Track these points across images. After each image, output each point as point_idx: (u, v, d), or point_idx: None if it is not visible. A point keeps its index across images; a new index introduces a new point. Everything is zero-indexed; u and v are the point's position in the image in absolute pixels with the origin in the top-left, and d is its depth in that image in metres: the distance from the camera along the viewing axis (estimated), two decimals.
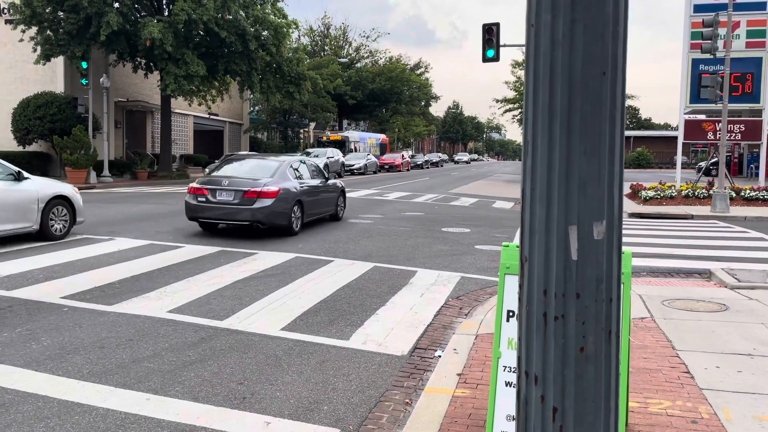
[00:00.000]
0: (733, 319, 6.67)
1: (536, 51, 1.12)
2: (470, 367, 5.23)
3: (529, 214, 1.15)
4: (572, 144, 1.10)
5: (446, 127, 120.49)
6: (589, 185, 1.09)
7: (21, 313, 6.68)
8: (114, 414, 4.34)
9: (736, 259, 10.91)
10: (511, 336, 3.81)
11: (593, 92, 1.09)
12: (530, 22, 1.13)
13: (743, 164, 44.08)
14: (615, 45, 1.09)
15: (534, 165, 1.14)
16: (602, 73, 1.08)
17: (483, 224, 16.00)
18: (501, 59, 22.88)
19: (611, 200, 1.11)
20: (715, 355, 5.46)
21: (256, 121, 52.75)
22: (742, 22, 23.96)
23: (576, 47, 1.08)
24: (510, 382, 3.74)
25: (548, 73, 1.11)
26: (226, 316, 6.75)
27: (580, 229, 1.10)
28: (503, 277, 3.83)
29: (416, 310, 7.24)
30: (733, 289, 8.22)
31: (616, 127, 1.10)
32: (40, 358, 5.34)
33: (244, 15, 30.44)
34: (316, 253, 10.69)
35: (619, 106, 1.10)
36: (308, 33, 65.36)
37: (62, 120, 28.89)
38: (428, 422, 4.20)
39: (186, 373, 5.12)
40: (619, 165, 1.11)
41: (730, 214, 18.87)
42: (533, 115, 1.14)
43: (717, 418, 4.20)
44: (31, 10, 26.80)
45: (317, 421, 4.37)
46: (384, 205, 20.49)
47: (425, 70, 73.82)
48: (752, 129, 24.38)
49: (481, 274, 9.38)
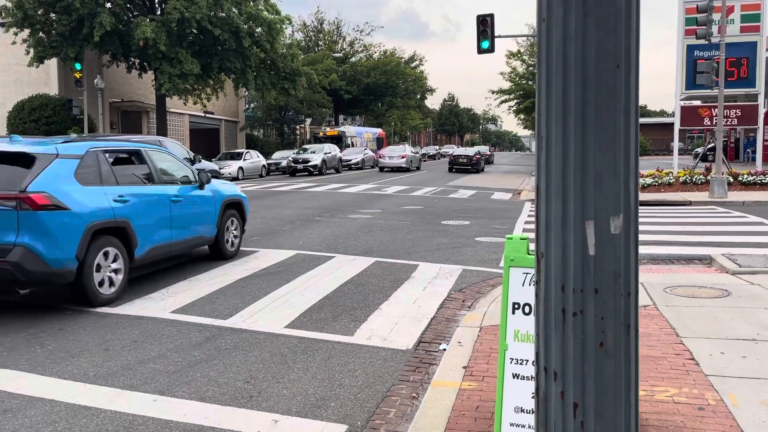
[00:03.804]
0: (736, 305, 6.68)
1: (548, 46, 1.11)
2: (475, 359, 5.24)
3: (545, 209, 1.15)
4: (587, 139, 1.09)
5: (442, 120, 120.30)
6: (606, 179, 1.09)
7: (24, 317, 6.67)
8: (122, 416, 4.34)
9: (736, 244, 10.93)
10: (517, 328, 3.81)
11: (607, 86, 1.08)
12: (541, 16, 1.12)
13: (740, 149, 44.13)
14: (628, 38, 1.08)
15: (548, 160, 1.13)
16: (616, 66, 1.08)
17: (482, 216, 16.00)
18: (496, 50, 22.82)
19: (627, 194, 1.10)
20: (719, 341, 5.47)
21: (252, 118, 52.63)
22: (737, 7, 23.92)
23: (589, 41, 1.08)
24: (517, 374, 3.74)
25: (561, 68, 1.10)
26: (230, 315, 6.75)
27: (597, 223, 1.10)
28: (507, 269, 3.83)
29: (419, 304, 7.24)
30: (735, 275, 8.23)
31: (630, 120, 1.09)
32: (45, 362, 5.34)
33: (237, 12, 30.34)
34: (316, 249, 10.69)
35: (634, 98, 1.09)
36: (302, 28, 65.17)
37: (57, 122, 28.82)
38: (436, 416, 4.20)
39: (192, 373, 5.12)
40: (634, 158, 1.11)
41: (728, 199, 18.89)
42: (546, 111, 1.13)
43: (723, 404, 4.21)
44: (23, 13, 26.67)
45: (325, 417, 4.37)
46: (383, 200, 20.48)
47: (420, 63, 73.74)
48: (749, 114, 24.39)
49: (482, 266, 9.39)
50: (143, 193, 7.96)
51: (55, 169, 6.83)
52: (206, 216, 9.25)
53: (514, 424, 3.68)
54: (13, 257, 6.30)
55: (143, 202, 7.86)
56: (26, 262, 6.34)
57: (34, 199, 6.44)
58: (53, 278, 6.66)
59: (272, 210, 16.73)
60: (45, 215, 6.50)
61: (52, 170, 6.80)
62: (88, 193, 7.07)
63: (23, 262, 6.33)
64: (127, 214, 7.49)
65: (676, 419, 4.00)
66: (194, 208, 8.97)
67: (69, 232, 6.68)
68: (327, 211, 16.67)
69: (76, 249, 6.71)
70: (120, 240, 7.40)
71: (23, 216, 6.40)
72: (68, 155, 7.11)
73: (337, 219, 14.94)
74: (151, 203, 8.04)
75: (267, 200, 19.64)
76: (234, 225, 10.08)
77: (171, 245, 8.44)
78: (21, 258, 6.32)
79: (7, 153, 6.80)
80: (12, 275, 6.32)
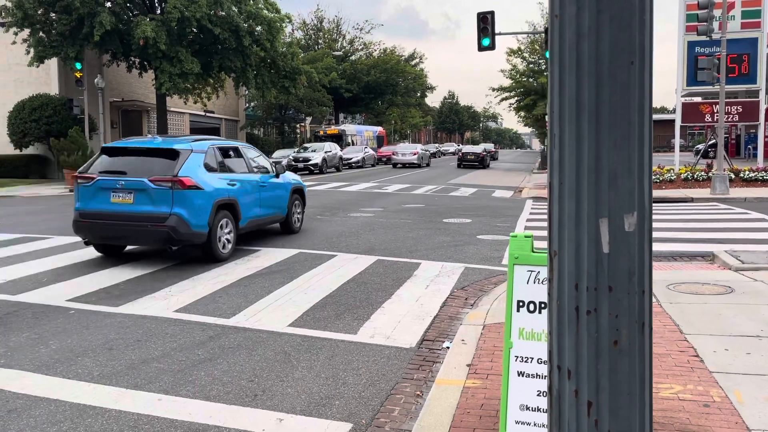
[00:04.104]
0: (739, 301, 6.68)
1: (561, 43, 1.11)
2: (479, 357, 5.24)
3: (558, 208, 1.14)
4: (601, 136, 1.09)
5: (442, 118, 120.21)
6: (620, 177, 1.08)
7: (27, 317, 6.67)
8: (127, 415, 4.34)
9: (738, 240, 10.92)
10: (522, 326, 3.81)
11: (621, 83, 1.07)
12: (554, 13, 1.11)
13: (740, 145, 44.10)
14: (642, 34, 1.07)
15: (562, 158, 1.13)
16: (630, 63, 1.07)
17: (484, 214, 16.00)
18: (496, 48, 22.77)
19: (641, 191, 1.10)
20: (723, 338, 5.47)
21: (253, 117, 52.62)
22: (737, 3, 23.89)
23: (603, 38, 1.07)
24: (522, 372, 3.74)
25: (574, 66, 1.09)
26: (233, 313, 6.75)
27: (611, 221, 1.09)
28: (512, 267, 3.83)
29: (422, 302, 7.24)
30: (737, 271, 8.22)
31: (645, 117, 1.09)
32: (49, 362, 5.34)
33: (237, 11, 30.30)
34: (318, 248, 10.69)
35: (648, 95, 1.09)
36: (301, 27, 65.10)
37: (58, 122, 28.79)
38: (440, 414, 4.20)
39: (196, 372, 5.12)
40: (648, 155, 1.10)
41: (730, 195, 18.88)
42: (560, 109, 1.12)
43: (729, 400, 4.21)
44: (23, 12, 26.64)
45: (330, 416, 4.37)
46: (384, 198, 20.47)
47: (420, 60, 73.64)
48: (750, 110, 24.35)
49: (484, 264, 9.39)
50: (243, 179, 10.35)
51: (192, 160, 9.25)
52: (281, 199, 11.63)
53: (519, 421, 3.68)
54: (170, 223, 8.78)
55: (244, 185, 10.27)
56: (178, 226, 8.80)
57: (184, 182, 8.90)
58: (194, 239, 9.02)
59: None
60: (190, 193, 8.96)
61: (191, 161, 9.21)
62: (212, 178, 9.51)
63: (177, 226, 8.79)
64: (236, 194, 9.91)
65: (681, 416, 4.00)
66: (274, 191, 11.32)
67: (204, 205, 9.15)
68: (328, 209, 16.67)
69: (208, 218, 9.16)
70: (231, 214, 9.80)
71: (176, 194, 8.86)
72: (198, 150, 9.53)
73: (338, 217, 14.94)
74: (249, 187, 10.45)
75: None
76: (298, 207, 12.41)
77: (259, 220, 10.84)
78: (175, 223, 8.79)
79: (160, 149, 9.33)
80: (169, 236, 8.80)
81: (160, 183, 8.81)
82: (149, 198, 8.87)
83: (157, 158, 9.20)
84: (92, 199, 9.12)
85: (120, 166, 9.22)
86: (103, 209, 9.02)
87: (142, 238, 9.13)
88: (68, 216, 15.32)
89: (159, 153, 9.26)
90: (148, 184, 8.83)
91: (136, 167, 9.12)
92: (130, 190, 8.92)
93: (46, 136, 28.59)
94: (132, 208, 8.91)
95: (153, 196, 8.85)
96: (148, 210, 8.85)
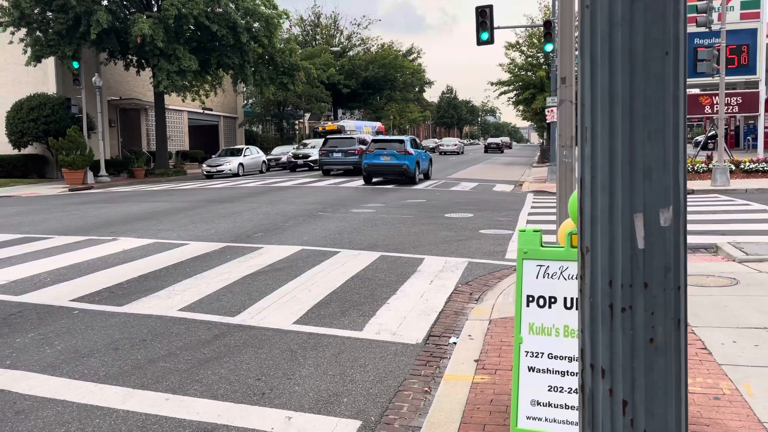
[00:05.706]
0: (745, 293, 6.66)
1: (593, 34, 1.08)
2: (486, 352, 5.22)
3: (590, 203, 1.11)
4: (635, 129, 1.06)
5: (441, 112, 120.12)
6: (655, 171, 1.06)
7: (32, 317, 6.65)
8: (134, 415, 4.32)
9: (741, 232, 10.91)
10: (532, 320, 3.79)
11: (656, 74, 1.05)
12: (585, 3, 1.08)
13: (740, 137, 44.05)
14: (676, 23, 1.04)
15: (594, 152, 1.10)
16: (665, 54, 1.04)
17: (485, 208, 15.98)
18: (495, 42, 22.71)
19: (677, 185, 1.07)
20: (730, 330, 5.46)
21: (251, 114, 52.52)
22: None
23: (636, 28, 1.04)
24: (533, 367, 3.72)
25: (607, 57, 1.06)
26: (238, 312, 6.73)
27: (646, 216, 1.07)
28: (521, 262, 3.81)
29: (427, 298, 7.23)
30: (742, 263, 8.21)
31: (679, 108, 1.06)
32: (55, 363, 5.32)
33: (234, 7, 30.21)
34: (321, 244, 10.67)
35: (683, 87, 1.06)
36: (299, 23, 64.89)
37: (56, 121, 28.72)
38: (450, 410, 4.19)
39: (203, 371, 5.10)
40: (683, 148, 1.08)
41: (730, 187, 18.87)
42: (591, 101, 1.09)
43: (739, 393, 4.19)
44: (19, 12, 26.54)
45: (338, 413, 4.36)
46: (385, 194, 20.44)
47: (418, 55, 73.45)
48: (749, 101, 24.32)
49: (488, 259, 9.37)
50: (419, 153, 26.07)
51: (408, 144, 25.16)
52: (427, 164, 27.27)
53: (531, 417, 3.66)
54: (403, 168, 24.47)
55: (419, 155, 25.99)
56: (406, 170, 24.43)
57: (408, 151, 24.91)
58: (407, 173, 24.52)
59: (275, 206, 16.71)
60: (409, 155, 24.66)
61: (408, 145, 25.13)
62: (414, 152, 25.40)
63: (405, 170, 24.47)
64: (419, 158, 25.76)
65: (692, 409, 3.98)
66: (424, 160, 26.82)
67: (414, 160, 24.84)
68: (330, 206, 16.64)
69: (413, 164, 24.71)
70: (417, 165, 25.14)
71: (405, 156, 24.56)
72: (407, 139, 25.68)
73: (340, 214, 14.92)
74: (421, 156, 26.19)
75: (269, 196, 19.62)
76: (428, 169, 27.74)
77: (422, 171, 26.27)
78: (404, 168, 24.46)
79: (395, 139, 26.15)
80: (405, 173, 24.57)
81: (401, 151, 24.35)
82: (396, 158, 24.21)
83: (397, 143, 24.93)
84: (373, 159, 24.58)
85: (382, 145, 25.04)
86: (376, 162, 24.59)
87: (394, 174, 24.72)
88: (68, 215, 15.30)
89: (396, 141, 25.14)
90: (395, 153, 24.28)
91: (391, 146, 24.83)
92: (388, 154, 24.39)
93: (45, 136, 28.53)
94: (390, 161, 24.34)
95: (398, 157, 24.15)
96: (395, 162, 24.21)
